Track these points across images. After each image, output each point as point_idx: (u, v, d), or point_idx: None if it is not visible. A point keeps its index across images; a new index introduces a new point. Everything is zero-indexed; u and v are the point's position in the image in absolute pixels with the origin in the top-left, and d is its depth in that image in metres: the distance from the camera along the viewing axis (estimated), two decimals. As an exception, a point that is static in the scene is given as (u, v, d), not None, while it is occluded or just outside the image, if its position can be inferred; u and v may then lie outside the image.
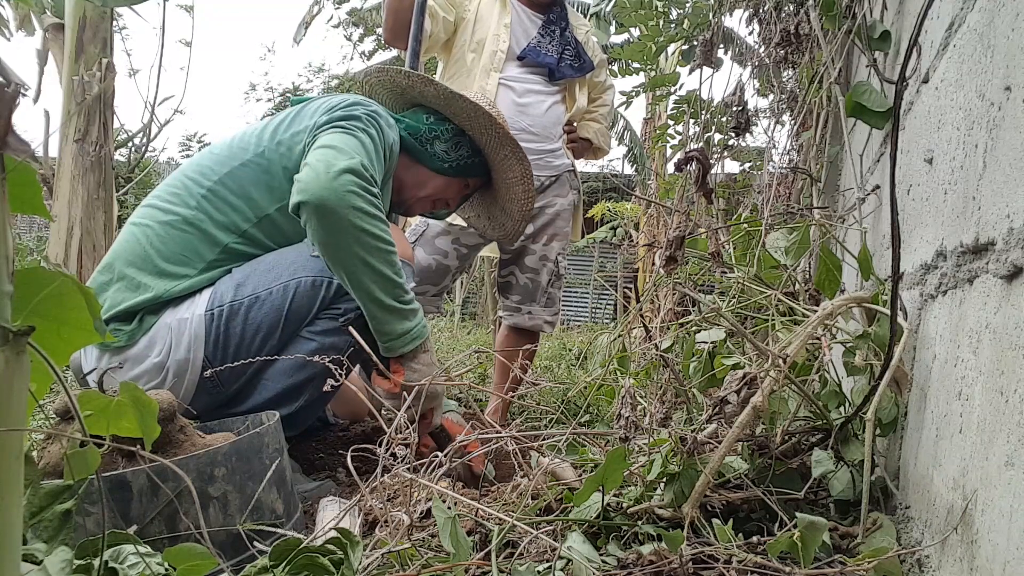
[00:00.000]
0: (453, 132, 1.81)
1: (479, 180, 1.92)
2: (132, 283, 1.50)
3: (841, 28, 1.49)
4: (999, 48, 0.73)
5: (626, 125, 10.71)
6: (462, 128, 1.82)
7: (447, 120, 1.82)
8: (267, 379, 1.55)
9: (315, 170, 1.43)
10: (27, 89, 3.69)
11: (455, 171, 1.83)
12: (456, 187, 1.88)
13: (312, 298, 1.53)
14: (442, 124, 1.81)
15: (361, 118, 1.57)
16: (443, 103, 1.80)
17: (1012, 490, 0.61)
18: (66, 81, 3.61)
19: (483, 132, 1.81)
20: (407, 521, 0.92)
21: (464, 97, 1.76)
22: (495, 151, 1.84)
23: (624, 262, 9.62)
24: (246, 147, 1.61)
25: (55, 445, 1.09)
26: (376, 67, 1.85)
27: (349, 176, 1.43)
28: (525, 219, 2.00)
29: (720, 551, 0.87)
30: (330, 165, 1.43)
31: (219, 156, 1.62)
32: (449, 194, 1.88)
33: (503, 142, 1.81)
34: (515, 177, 1.89)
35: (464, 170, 1.85)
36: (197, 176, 1.60)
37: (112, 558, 0.75)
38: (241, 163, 1.59)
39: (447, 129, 1.81)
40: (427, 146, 1.78)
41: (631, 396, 1.07)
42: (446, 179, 1.84)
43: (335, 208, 1.41)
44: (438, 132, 1.80)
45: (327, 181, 1.41)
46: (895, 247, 0.91)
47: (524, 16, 2.49)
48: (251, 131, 1.66)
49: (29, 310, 0.50)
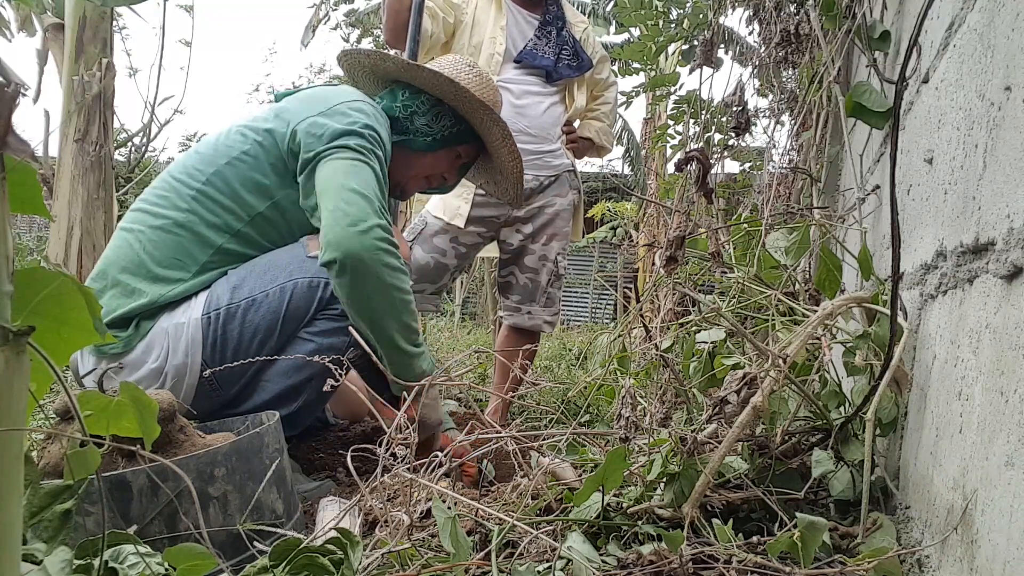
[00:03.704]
0: (431, 103, 1.77)
1: (470, 147, 1.88)
2: (126, 289, 1.50)
3: (841, 28, 1.49)
4: (999, 48, 0.73)
5: (624, 125, 10.71)
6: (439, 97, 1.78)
7: (422, 92, 1.77)
8: (266, 380, 1.55)
9: (341, 224, 1.44)
10: (27, 89, 3.69)
11: (440, 143, 1.79)
12: (446, 159, 1.85)
13: (309, 299, 1.53)
14: (417, 97, 1.76)
15: (364, 135, 1.55)
16: (409, 77, 1.77)
17: (1012, 490, 0.61)
18: (66, 81, 3.61)
19: (454, 99, 1.76)
20: (407, 521, 0.92)
21: (422, 67, 1.73)
22: (472, 115, 1.80)
23: (624, 262, 9.62)
24: (232, 145, 1.59)
25: (55, 445, 1.09)
26: (341, 52, 1.83)
27: (379, 232, 1.45)
28: (518, 181, 1.96)
29: (720, 551, 0.87)
30: (357, 219, 1.44)
31: (205, 156, 1.60)
32: (441, 168, 1.86)
33: (475, 106, 1.76)
34: (498, 139, 1.84)
35: (449, 140, 1.80)
36: (185, 178, 1.58)
37: (112, 558, 0.75)
38: (227, 162, 1.57)
39: (423, 101, 1.76)
40: (408, 124, 1.75)
41: (631, 396, 1.07)
42: (433, 154, 1.81)
43: (369, 268, 1.44)
44: (414, 107, 1.76)
45: (359, 239, 1.43)
46: (895, 247, 0.91)
47: (520, 17, 2.49)
48: (235, 128, 1.63)
49: (29, 310, 0.50)
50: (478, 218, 2.48)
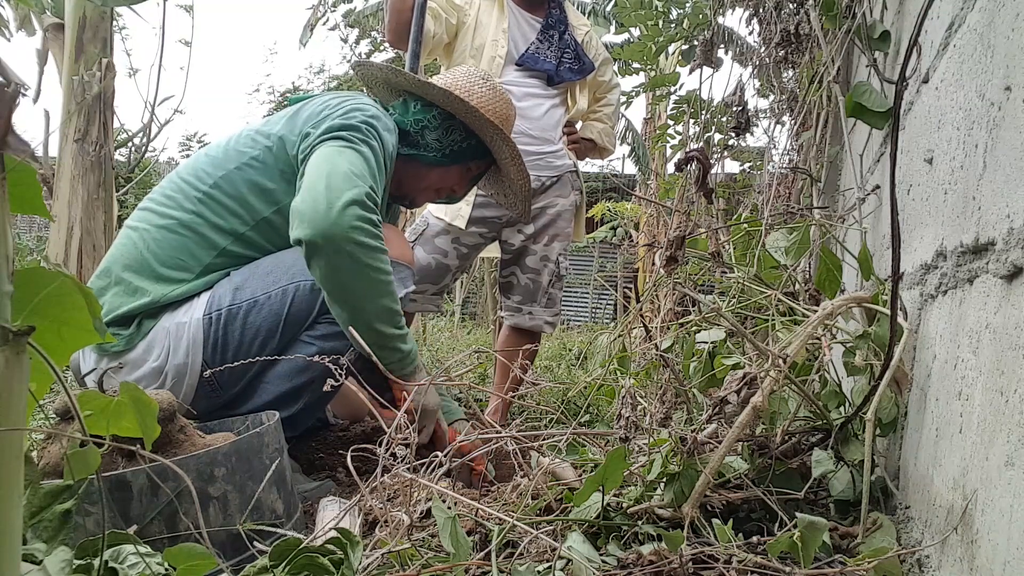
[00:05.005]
0: (442, 117, 1.76)
1: (482, 162, 1.87)
2: (129, 287, 1.50)
3: (841, 28, 1.49)
4: (999, 48, 0.73)
5: (628, 125, 10.71)
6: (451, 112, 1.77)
7: (434, 105, 1.76)
8: (266, 382, 1.55)
9: (315, 200, 1.39)
10: (27, 89, 3.69)
11: (450, 158, 1.78)
12: (456, 174, 1.84)
13: (311, 302, 1.52)
14: (428, 111, 1.75)
15: (360, 128, 1.53)
16: (421, 92, 1.76)
17: (1012, 490, 0.61)
18: (66, 81, 3.61)
19: (465, 116, 1.76)
20: (407, 521, 0.92)
21: (433, 85, 1.72)
22: (482, 132, 1.79)
23: (624, 262, 9.62)
24: (241, 150, 1.59)
25: (55, 445, 1.09)
26: (355, 62, 1.84)
27: (355, 210, 1.40)
28: (525, 199, 1.96)
29: (720, 551, 0.87)
30: (332, 195, 1.39)
31: (215, 159, 1.60)
32: (450, 182, 1.85)
33: (484, 124, 1.75)
34: (507, 158, 1.84)
35: (459, 155, 1.79)
36: (193, 179, 1.58)
37: (112, 558, 0.75)
38: (236, 166, 1.57)
39: (435, 116, 1.75)
40: (419, 138, 1.74)
41: (631, 396, 1.07)
42: (443, 168, 1.80)
43: (342, 247, 1.38)
44: (426, 121, 1.74)
45: (331, 216, 1.37)
46: (895, 247, 0.91)
47: (522, 20, 2.49)
48: (246, 133, 1.64)
49: (29, 310, 0.50)
50: (479, 219, 2.48)
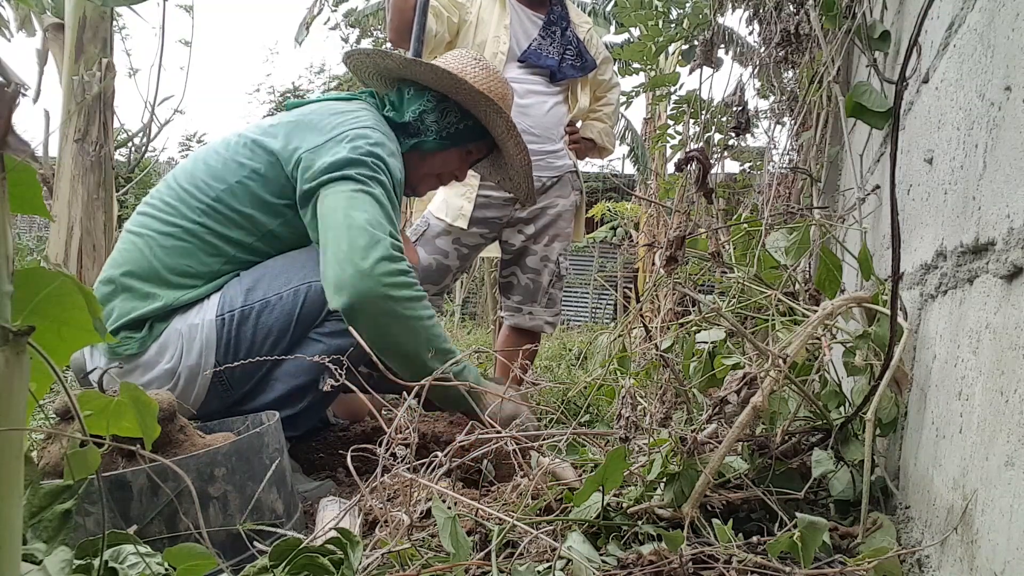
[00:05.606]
0: (436, 99, 1.75)
1: (481, 144, 1.86)
2: (139, 293, 1.50)
3: (841, 28, 1.49)
4: (999, 48, 0.73)
5: (627, 125, 10.71)
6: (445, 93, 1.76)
7: (427, 88, 1.75)
8: (274, 380, 1.55)
9: (342, 266, 1.40)
10: (27, 89, 3.69)
11: (449, 140, 1.77)
12: (456, 157, 1.83)
13: (323, 302, 1.51)
14: (422, 95, 1.75)
15: (367, 163, 1.51)
16: (409, 73, 1.75)
17: (1012, 490, 0.61)
18: (66, 81, 3.61)
19: (456, 92, 1.73)
20: (407, 521, 0.92)
21: (420, 62, 1.71)
22: (475, 108, 1.77)
23: (624, 262, 9.62)
24: (241, 161, 1.57)
25: (55, 445, 1.09)
26: (345, 53, 1.82)
27: (384, 266, 1.40)
28: (528, 175, 1.94)
29: (720, 551, 0.87)
30: (357, 257, 1.40)
31: (213, 169, 1.58)
32: (452, 166, 1.84)
33: (476, 97, 1.73)
34: (503, 131, 1.82)
35: (457, 137, 1.78)
36: (193, 189, 1.57)
37: (112, 558, 0.75)
38: (237, 180, 1.56)
39: (429, 98, 1.74)
40: (419, 125, 1.73)
41: (631, 396, 1.07)
42: (444, 152, 1.79)
43: (381, 307, 1.40)
44: (421, 105, 1.74)
45: (362, 279, 1.39)
46: (895, 247, 0.91)
47: (524, 16, 2.49)
48: (243, 139, 1.61)
49: (29, 310, 0.50)
50: (480, 219, 2.48)
